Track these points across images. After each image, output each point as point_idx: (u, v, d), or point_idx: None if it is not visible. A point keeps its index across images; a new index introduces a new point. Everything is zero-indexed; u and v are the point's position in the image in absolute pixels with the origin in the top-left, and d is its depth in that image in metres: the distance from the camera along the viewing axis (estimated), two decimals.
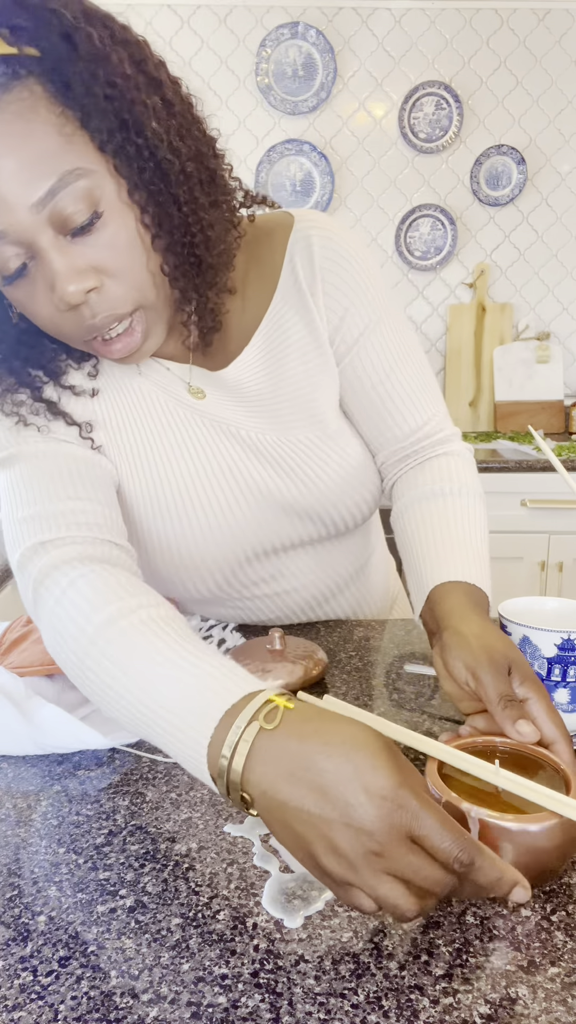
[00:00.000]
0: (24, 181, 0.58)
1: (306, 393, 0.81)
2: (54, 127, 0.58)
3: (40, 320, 0.66)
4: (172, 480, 0.80)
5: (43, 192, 0.59)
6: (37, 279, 0.63)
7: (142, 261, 0.65)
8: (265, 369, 0.80)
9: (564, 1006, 0.42)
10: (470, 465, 0.86)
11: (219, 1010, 0.42)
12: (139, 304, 0.66)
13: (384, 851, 0.42)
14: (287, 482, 0.82)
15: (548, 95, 2.77)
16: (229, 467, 0.81)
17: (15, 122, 0.57)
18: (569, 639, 0.64)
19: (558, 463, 0.81)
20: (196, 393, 0.79)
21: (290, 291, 0.80)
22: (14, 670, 0.76)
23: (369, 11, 2.69)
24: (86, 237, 0.62)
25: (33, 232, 0.60)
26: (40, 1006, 0.42)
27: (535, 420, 2.85)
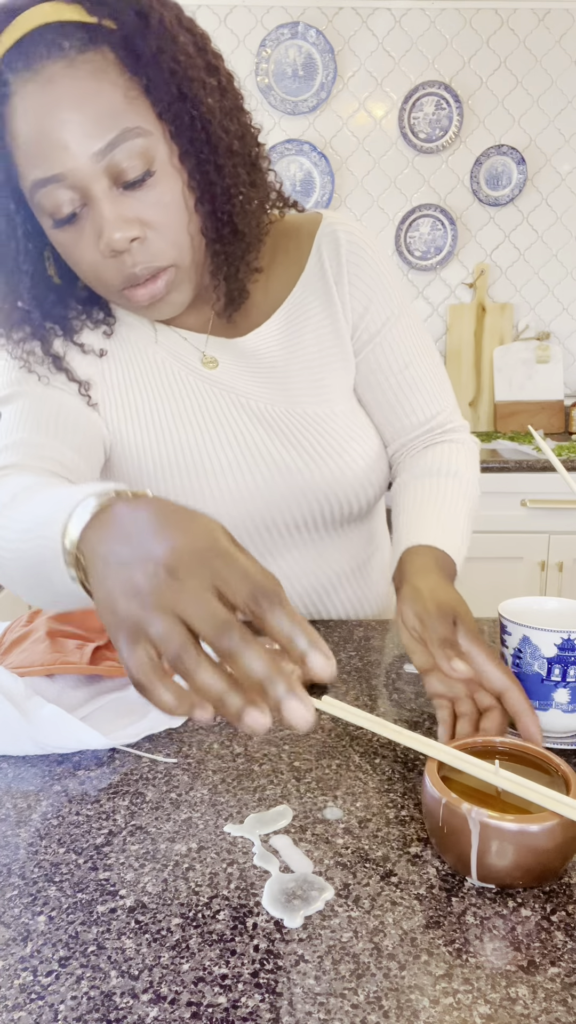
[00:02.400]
0: (88, 132, 0.65)
1: (317, 371, 0.86)
2: (120, 89, 0.66)
3: (82, 265, 0.72)
4: (177, 443, 0.83)
5: (104, 143, 0.65)
6: (85, 226, 0.69)
7: (184, 221, 0.71)
8: (281, 343, 0.85)
9: (564, 1006, 0.42)
10: (471, 454, 0.93)
11: (219, 1010, 0.42)
12: (175, 261, 0.72)
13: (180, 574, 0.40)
14: (291, 452, 0.85)
15: (548, 95, 2.77)
16: (235, 433, 0.84)
17: (87, 80, 0.64)
18: (569, 639, 0.64)
19: (558, 463, 0.81)
20: (209, 363, 0.83)
21: (315, 278, 0.86)
22: (14, 670, 0.76)
23: (369, 11, 2.69)
24: (136, 192, 0.68)
25: (90, 179, 0.66)
26: (40, 1006, 0.42)
27: (535, 420, 2.85)
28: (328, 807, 0.60)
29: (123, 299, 0.75)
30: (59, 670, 0.77)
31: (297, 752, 0.68)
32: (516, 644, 0.67)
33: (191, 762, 0.67)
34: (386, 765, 0.66)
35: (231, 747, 0.69)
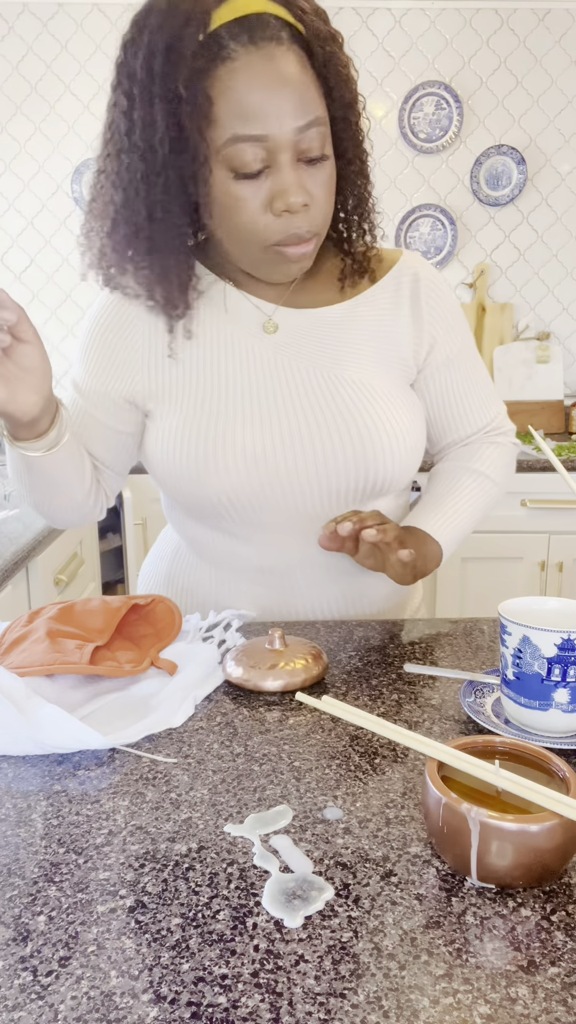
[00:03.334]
0: (296, 109, 0.77)
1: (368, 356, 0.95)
2: (314, 83, 0.79)
3: (245, 217, 0.82)
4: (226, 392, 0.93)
5: (304, 122, 0.78)
6: (263, 187, 0.80)
7: (332, 202, 0.86)
8: (341, 323, 0.95)
9: (564, 1006, 0.42)
10: (508, 456, 1.07)
11: (219, 1010, 0.42)
12: (321, 231, 0.86)
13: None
14: (328, 411, 0.92)
15: (548, 95, 2.77)
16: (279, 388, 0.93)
17: (298, 67, 0.78)
18: (569, 639, 0.64)
19: (558, 463, 0.81)
20: (269, 328, 0.94)
21: (386, 297, 0.97)
22: (14, 670, 0.76)
23: (369, 11, 2.69)
24: (310, 168, 0.81)
25: (285, 147, 0.78)
26: (40, 1006, 0.42)
27: (535, 420, 2.85)
28: (328, 807, 0.60)
29: (269, 255, 0.85)
30: (59, 670, 0.77)
31: (297, 752, 0.68)
32: (516, 644, 0.67)
33: (191, 762, 0.67)
34: (386, 765, 0.66)
35: (231, 747, 0.69)
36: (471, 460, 1.04)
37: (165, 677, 0.81)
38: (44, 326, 2.95)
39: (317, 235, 0.85)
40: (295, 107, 0.77)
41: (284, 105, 0.76)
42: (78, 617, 0.87)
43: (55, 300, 2.92)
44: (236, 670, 0.80)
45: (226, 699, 0.78)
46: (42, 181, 2.84)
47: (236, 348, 0.94)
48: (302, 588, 1.01)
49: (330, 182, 0.84)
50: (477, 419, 1.04)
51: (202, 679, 0.80)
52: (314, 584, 1.01)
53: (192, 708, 0.75)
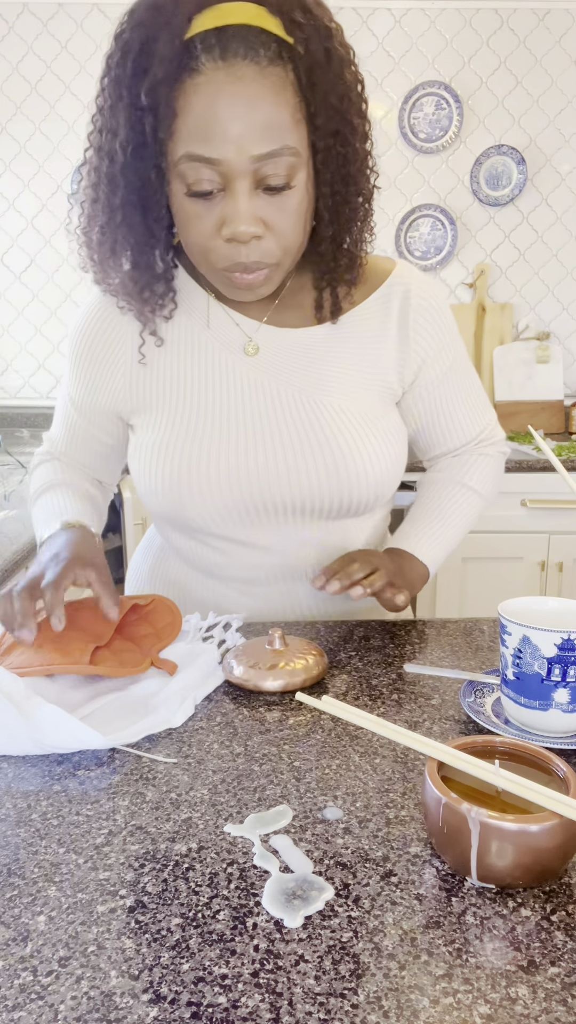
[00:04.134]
0: (255, 136, 0.72)
1: (348, 380, 0.93)
2: (290, 108, 0.73)
3: (198, 239, 0.79)
4: (204, 414, 0.91)
5: (264, 151, 0.73)
6: (216, 208, 0.77)
7: (299, 233, 0.81)
8: (324, 345, 0.93)
9: (564, 1006, 0.42)
10: (497, 468, 1.07)
11: (219, 1010, 0.42)
12: (279, 262, 0.81)
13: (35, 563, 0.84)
14: (305, 436, 0.91)
15: (548, 95, 2.77)
16: (258, 412, 0.91)
17: (269, 90, 0.72)
18: (569, 639, 0.64)
19: (558, 463, 0.81)
20: (251, 351, 0.92)
21: (373, 314, 0.93)
22: (14, 670, 0.76)
23: (369, 11, 2.69)
24: (270, 197, 0.77)
25: (240, 174, 0.74)
26: (40, 1006, 0.42)
27: (535, 420, 2.85)
28: (328, 807, 0.60)
29: (220, 277, 0.83)
30: (59, 670, 0.77)
31: (297, 752, 0.68)
32: (516, 644, 0.67)
33: (191, 762, 0.67)
34: (386, 765, 0.66)
35: (231, 747, 0.69)
36: (461, 474, 1.04)
37: (165, 677, 0.81)
38: (44, 326, 2.95)
39: (272, 265, 0.81)
40: (256, 134, 0.72)
41: (242, 130, 0.72)
42: (79, 618, 0.87)
43: (55, 300, 2.92)
44: (236, 670, 0.80)
45: (226, 699, 0.78)
46: (42, 181, 2.84)
47: (216, 368, 0.92)
48: (283, 597, 1.01)
49: (296, 213, 0.78)
50: (467, 431, 1.03)
51: (202, 679, 0.80)
52: (295, 594, 1.01)
53: (192, 708, 0.75)
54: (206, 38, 0.71)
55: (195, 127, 0.73)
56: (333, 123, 0.76)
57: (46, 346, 2.96)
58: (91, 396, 0.99)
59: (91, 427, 1.02)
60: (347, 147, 0.79)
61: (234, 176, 0.74)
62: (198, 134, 0.73)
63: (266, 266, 0.81)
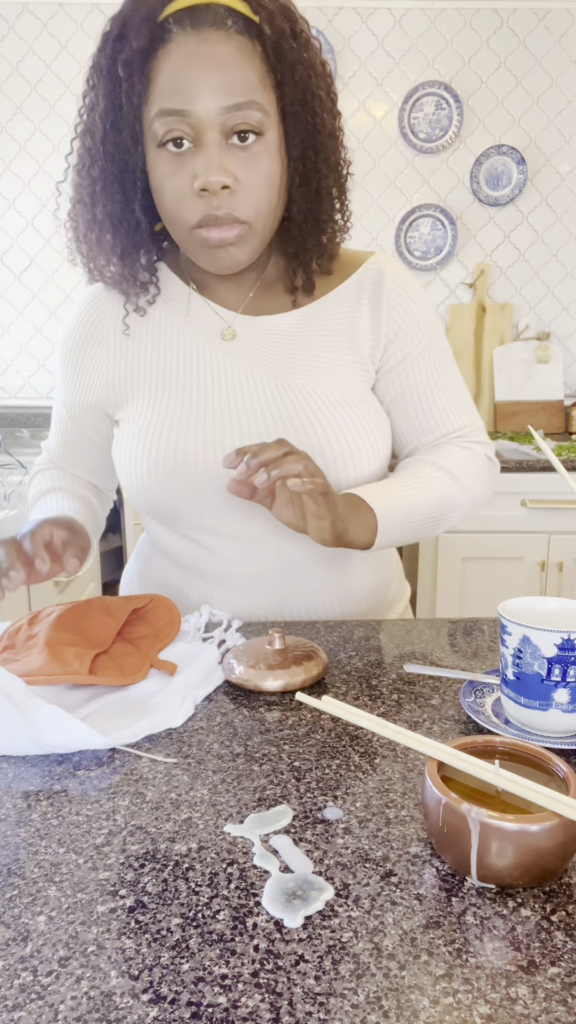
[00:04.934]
0: (223, 89, 0.78)
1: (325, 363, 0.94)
2: (258, 72, 0.79)
3: (169, 194, 0.82)
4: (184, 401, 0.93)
5: (232, 103, 0.78)
6: (187, 163, 0.80)
7: (271, 195, 0.84)
8: (299, 330, 0.94)
9: (564, 1006, 0.42)
10: (478, 463, 1.00)
11: (219, 1010, 0.42)
12: (250, 220, 0.83)
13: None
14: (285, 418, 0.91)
15: (548, 95, 2.77)
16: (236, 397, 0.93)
17: (236, 52, 0.78)
18: (569, 639, 0.64)
19: (558, 463, 0.81)
20: (227, 335, 0.94)
21: (345, 298, 0.95)
22: (23, 677, 0.76)
23: (369, 11, 2.69)
24: (240, 152, 0.80)
25: (209, 126, 0.79)
26: (40, 1006, 0.42)
27: (535, 420, 2.85)
28: (328, 807, 0.60)
29: (193, 237, 0.85)
30: (59, 680, 0.76)
31: (297, 752, 0.68)
32: (516, 644, 0.67)
33: (191, 762, 0.67)
34: (386, 765, 0.66)
35: (231, 747, 0.69)
36: (434, 456, 0.98)
37: (165, 677, 0.81)
38: (44, 326, 2.95)
39: (243, 223, 0.83)
40: (224, 87, 0.78)
41: (210, 83, 0.77)
42: (79, 625, 0.87)
43: (55, 300, 2.92)
44: (236, 670, 0.80)
45: (226, 699, 0.78)
46: (42, 181, 2.83)
47: (194, 355, 0.94)
48: (273, 596, 1.00)
49: (267, 172, 0.82)
50: (443, 422, 0.99)
51: (202, 679, 0.80)
52: (286, 592, 1.00)
53: (192, 708, 0.75)
54: (178, 16, 0.78)
55: (167, 86, 0.78)
56: (299, 92, 0.82)
57: (46, 346, 2.96)
58: (79, 395, 1.01)
59: (83, 428, 1.04)
60: (315, 117, 0.84)
61: (204, 127, 0.79)
62: (170, 91, 0.78)
63: (238, 223, 0.83)
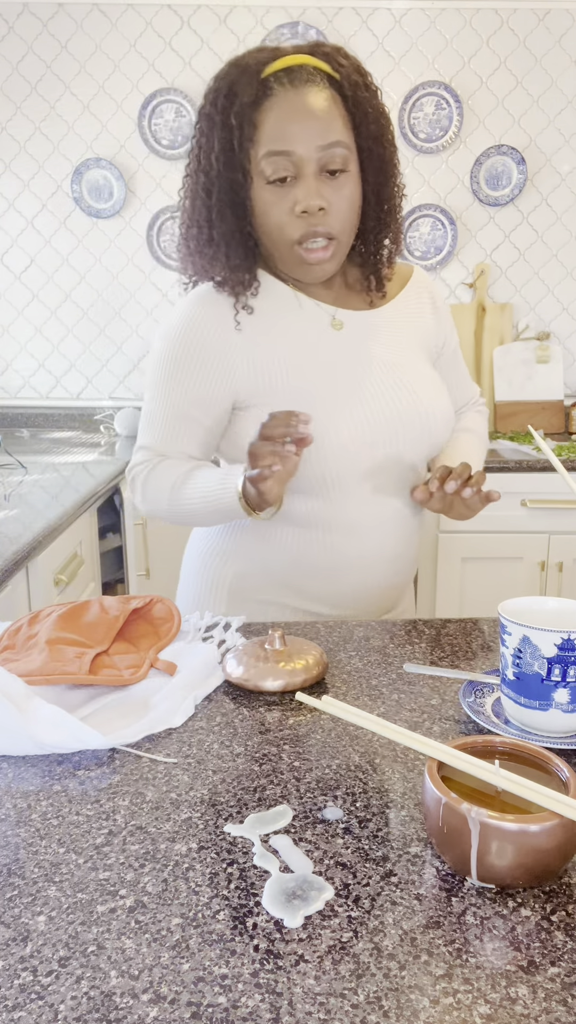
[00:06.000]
0: (319, 132, 0.97)
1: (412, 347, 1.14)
2: (341, 118, 0.99)
3: (276, 219, 1.00)
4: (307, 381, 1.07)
5: (327, 143, 0.97)
6: (289, 192, 0.99)
7: (354, 215, 1.03)
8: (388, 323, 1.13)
9: (564, 1006, 0.42)
10: (484, 417, 1.35)
11: (219, 1010, 0.42)
12: (339, 236, 1.02)
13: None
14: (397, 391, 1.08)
15: (548, 95, 2.77)
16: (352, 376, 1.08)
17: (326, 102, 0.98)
18: (569, 639, 0.64)
19: (558, 463, 0.81)
20: (336, 325, 1.10)
21: (412, 300, 1.16)
22: (23, 677, 0.76)
23: (369, 11, 2.69)
24: (331, 181, 0.99)
25: (308, 161, 0.97)
26: (40, 1006, 0.42)
27: (535, 420, 2.85)
28: (328, 807, 0.60)
29: (294, 253, 1.02)
30: (59, 680, 0.76)
31: (297, 752, 0.68)
32: (516, 644, 0.67)
33: (191, 762, 0.67)
34: (386, 765, 0.66)
35: (231, 747, 0.69)
36: (465, 423, 1.29)
37: (165, 677, 0.81)
38: (44, 326, 2.95)
39: (334, 240, 1.01)
40: (319, 131, 0.96)
41: (309, 128, 0.96)
42: (78, 625, 0.87)
43: (55, 300, 2.92)
44: (236, 670, 0.80)
45: (226, 699, 0.78)
46: (42, 181, 2.83)
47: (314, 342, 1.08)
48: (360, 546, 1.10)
49: (350, 197, 1.01)
50: (465, 394, 1.31)
51: (202, 679, 0.80)
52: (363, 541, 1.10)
53: (192, 708, 0.75)
54: (278, 74, 0.97)
55: (273, 132, 0.97)
56: (373, 131, 1.02)
57: (46, 346, 2.96)
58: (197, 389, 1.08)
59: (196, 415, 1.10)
60: (384, 151, 1.04)
61: (304, 163, 0.97)
62: (276, 136, 0.97)
63: (329, 238, 1.01)
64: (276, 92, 0.97)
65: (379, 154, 1.04)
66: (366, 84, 1.02)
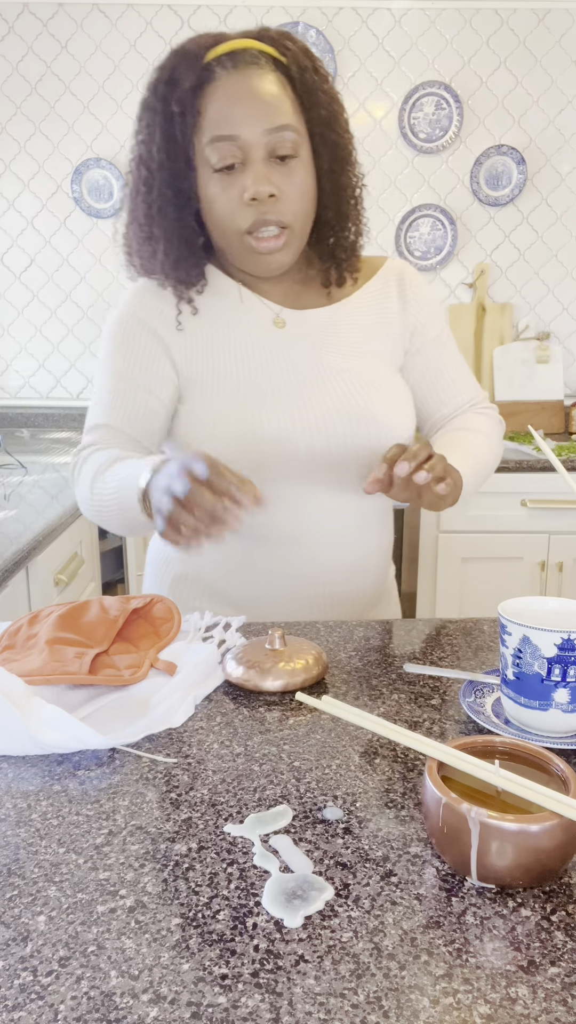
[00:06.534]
0: (265, 115, 0.92)
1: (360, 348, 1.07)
2: (290, 101, 0.94)
3: (225, 208, 0.95)
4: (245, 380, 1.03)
5: (274, 126, 0.92)
6: (237, 180, 0.94)
7: (307, 202, 0.98)
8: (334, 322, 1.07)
9: (564, 1006, 0.42)
10: (497, 424, 1.19)
11: (219, 1010, 0.42)
12: (292, 224, 0.96)
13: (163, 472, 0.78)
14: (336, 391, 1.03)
15: (548, 95, 2.77)
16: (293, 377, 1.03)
17: (272, 85, 0.93)
18: (569, 639, 0.64)
19: (558, 463, 0.81)
20: (279, 324, 1.06)
21: (376, 291, 1.09)
22: (23, 677, 0.76)
23: (369, 11, 2.69)
24: (281, 167, 0.94)
25: (255, 146, 0.92)
26: (40, 1006, 0.42)
27: (535, 420, 2.85)
28: (328, 807, 0.60)
29: (244, 243, 0.97)
30: (59, 680, 0.76)
31: (297, 752, 0.68)
32: (516, 644, 0.67)
33: (191, 762, 0.67)
34: (386, 765, 0.66)
35: (231, 747, 0.69)
36: (464, 423, 1.14)
37: (165, 677, 0.81)
38: (44, 326, 2.95)
39: (287, 229, 0.96)
40: (265, 114, 0.92)
41: (255, 111, 0.91)
42: (78, 625, 0.87)
43: (55, 300, 2.92)
44: (236, 670, 0.80)
45: (226, 699, 0.78)
46: (42, 181, 2.83)
47: (253, 341, 1.04)
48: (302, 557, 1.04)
49: (302, 182, 0.96)
50: (460, 395, 1.16)
51: (202, 679, 0.80)
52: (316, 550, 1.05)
53: (192, 708, 0.75)
54: (220, 59, 0.93)
55: (217, 117, 0.92)
56: (324, 116, 0.97)
57: (46, 346, 2.96)
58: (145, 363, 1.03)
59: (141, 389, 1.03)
60: (337, 134, 0.99)
61: (250, 148, 0.92)
62: (220, 121, 0.92)
63: (282, 225, 0.95)
64: (219, 76, 0.92)
65: (332, 140, 0.98)
66: (315, 68, 0.97)
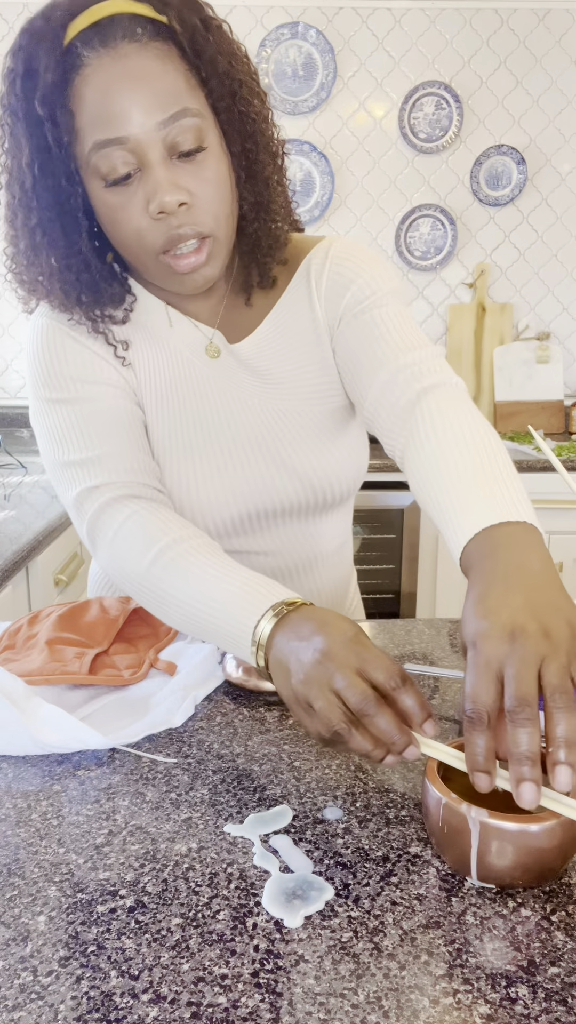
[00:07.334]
0: (153, 104, 0.72)
1: (297, 375, 0.92)
2: (183, 76, 0.74)
3: (127, 227, 0.77)
4: (179, 421, 0.90)
5: (166, 116, 0.72)
6: (137, 190, 0.75)
7: (226, 198, 0.79)
8: (265, 350, 0.91)
9: (564, 1006, 0.42)
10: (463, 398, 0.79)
11: (219, 1010, 0.42)
12: (213, 232, 0.78)
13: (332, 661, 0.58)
14: (276, 440, 0.91)
15: (548, 95, 2.77)
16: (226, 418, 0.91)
17: (155, 61, 0.73)
18: None
19: (558, 463, 0.81)
20: (212, 352, 0.90)
21: (298, 292, 0.91)
22: (23, 677, 0.76)
23: (369, 11, 2.69)
24: (187, 164, 0.75)
25: (149, 146, 0.73)
26: (40, 1006, 0.42)
27: (535, 420, 2.85)
28: (328, 807, 0.60)
29: (161, 265, 0.79)
30: (59, 680, 0.77)
31: (297, 752, 0.68)
32: None
33: (191, 762, 0.67)
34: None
35: (231, 747, 0.69)
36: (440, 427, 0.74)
37: (165, 677, 0.81)
38: None
39: (208, 238, 0.78)
40: (153, 102, 0.72)
41: (138, 102, 0.72)
42: (80, 625, 0.87)
43: None
44: (236, 670, 0.80)
45: (226, 699, 0.78)
46: None
47: (186, 374, 0.89)
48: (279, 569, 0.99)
49: (216, 177, 0.77)
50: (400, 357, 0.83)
51: (202, 679, 0.80)
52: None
53: (192, 708, 0.75)
54: (84, 36, 0.72)
55: (95, 116, 0.72)
56: (226, 84, 0.76)
57: None
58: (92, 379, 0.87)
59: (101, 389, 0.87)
60: (248, 105, 0.79)
61: (144, 149, 0.73)
62: (100, 121, 0.72)
63: (201, 237, 0.77)
64: (87, 61, 0.72)
65: (241, 112, 0.78)
66: (204, 22, 0.75)
